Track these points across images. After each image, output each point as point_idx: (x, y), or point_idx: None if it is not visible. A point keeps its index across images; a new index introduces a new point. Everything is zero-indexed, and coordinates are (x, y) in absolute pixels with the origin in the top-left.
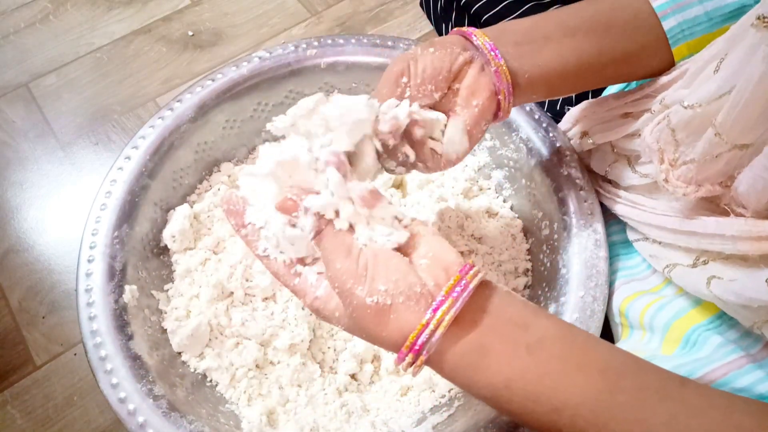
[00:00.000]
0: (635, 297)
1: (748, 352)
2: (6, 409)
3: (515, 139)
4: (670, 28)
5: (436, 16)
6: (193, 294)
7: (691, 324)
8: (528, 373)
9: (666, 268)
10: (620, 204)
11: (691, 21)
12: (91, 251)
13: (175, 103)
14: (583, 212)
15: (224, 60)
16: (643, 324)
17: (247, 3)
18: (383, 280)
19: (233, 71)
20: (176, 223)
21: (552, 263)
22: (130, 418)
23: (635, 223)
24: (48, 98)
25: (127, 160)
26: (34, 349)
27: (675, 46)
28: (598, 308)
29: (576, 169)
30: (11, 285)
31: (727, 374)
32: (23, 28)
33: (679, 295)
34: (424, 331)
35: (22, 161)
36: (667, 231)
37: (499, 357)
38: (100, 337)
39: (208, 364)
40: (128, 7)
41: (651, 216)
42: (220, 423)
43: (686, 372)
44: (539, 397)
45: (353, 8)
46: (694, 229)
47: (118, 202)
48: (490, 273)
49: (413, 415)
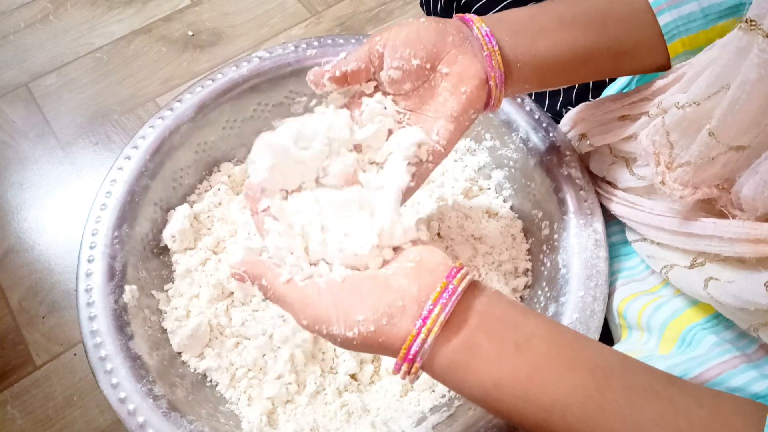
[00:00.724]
0: (633, 298)
1: (744, 352)
2: (6, 409)
3: (515, 139)
4: (665, 23)
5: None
6: (193, 294)
7: (687, 323)
8: (518, 372)
9: (663, 268)
10: (619, 204)
11: (687, 17)
12: (91, 251)
13: (175, 103)
14: (583, 212)
15: (224, 60)
16: (640, 324)
17: (247, 3)
18: (359, 310)
19: (233, 71)
20: (176, 223)
21: (552, 263)
22: (130, 418)
23: (633, 223)
24: (48, 98)
25: (127, 160)
26: (34, 349)
27: (671, 41)
28: (598, 308)
29: (576, 169)
30: (11, 285)
31: (721, 374)
32: (23, 28)
33: (677, 296)
34: (415, 341)
35: (22, 161)
36: (664, 232)
37: (489, 356)
38: (100, 337)
39: (208, 364)
40: (128, 7)
41: (649, 216)
42: (220, 423)
43: (681, 371)
44: (529, 395)
45: (353, 8)
46: (692, 230)
47: (118, 202)
48: (490, 273)
49: (413, 415)
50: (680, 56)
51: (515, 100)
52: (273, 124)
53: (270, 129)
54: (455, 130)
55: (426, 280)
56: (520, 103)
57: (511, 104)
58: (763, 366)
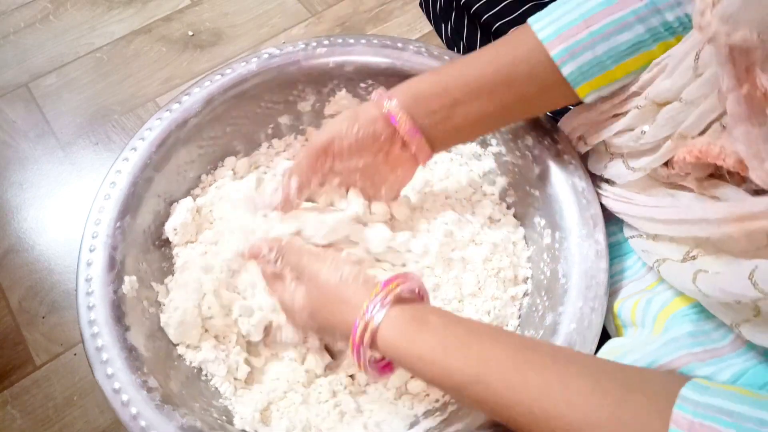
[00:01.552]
0: (627, 297)
1: (715, 346)
2: (6, 409)
3: (521, 146)
4: (569, 73)
5: (435, 16)
6: (188, 284)
7: (673, 311)
8: (435, 348)
9: (656, 262)
10: (616, 201)
11: (587, 64)
12: (93, 240)
13: (183, 96)
14: (586, 222)
15: (224, 60)
16: (635, 320)
17: (247, 3)
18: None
19: (242, 67)
20: (178, 216)
21: (552, 272)
22: (124, 408)
23: (630, 218)
24: (48, 98)
25: (133, 151)
26: (34, 349)
27: (576, 87)
28: (595, 320)
29: (580, 179)
30: (11, 285)
31: (689, 363)
32: (23, 28)
33: (668, 289)
34: (357, 327)
35: (22, 161)
36: (657, 222)
37: (436, 328)
38: (98, 327)
39: (204, 356)
40: (128, 7)
41: (644, 209)
42: (212, 418)
43: (653, 358)
44: (452, 371)
45: (353, 8)
46: (682, 216)
47: (121, 193)
48: (488, 279)
49: (406, 419)
50: (589, 94)
51: None
52: None
53: None
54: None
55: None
56: None
57: None
58: (728, 359)
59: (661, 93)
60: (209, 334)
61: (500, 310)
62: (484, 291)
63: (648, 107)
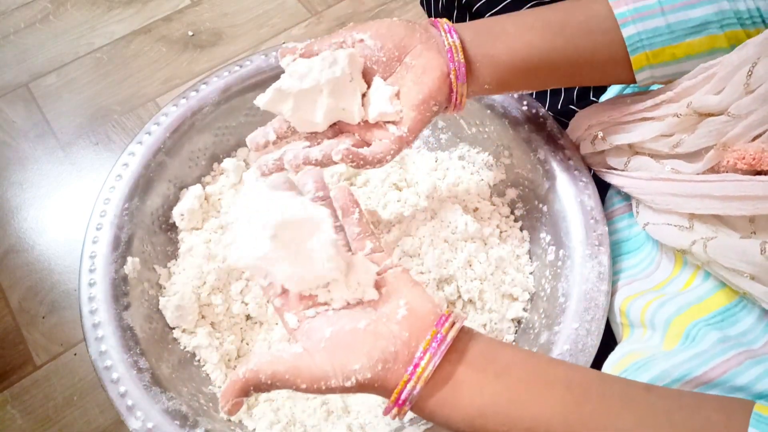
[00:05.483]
0: (636, 296)
1: (748, 348)
2: (6, 409)
3: (533, 159)
4: (629, 35)
5: (437, 15)
6: (190, 270)
7: (692, 319)
8: (499, 398)
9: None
10: (627, 178)
11: (652, 31)
12: (100, 219)
13: (201, 85)
14: (591, 242)
15: (224, 60)
16: (644, 322)
17: (247, 3)
18: (354, 359)
19: (261, 59)
20: (186, 202)
21: (552, 290)
22: (113, 386)
23: (642, 193)
24: (48, 98)
25: (148, 135)
26: (34, 349)
27: (634, 54)
28: (590, 343)
29: (590, 197)
30: (11, 285)
31: (725, 372)
32: (23, 28)
33: (681, 292)
34: (405, 387)
35: (22, 161)
36: (715, 200)
37: (471, 388)
38: (96, 304)
39: (198, 341)
40: (128, 7)
41: (654, 184)
42: (199, 404)
43: (685, 370)
44: (512, 419)
45: (353, 8)
46: (744, 192)
47: (133, 174)
48: (489, 292)
49: (392, 424)
50: (644, 69)
51: (537, 119)
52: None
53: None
54: (417, 118)
55: (416, 326)
56: (541, 122)
57: (532, 122)
58: (766, 361)
59: (706, 105)
60: (206, 320)
61: (497, 324)
62: (482, 304)
63: (688, 116)
